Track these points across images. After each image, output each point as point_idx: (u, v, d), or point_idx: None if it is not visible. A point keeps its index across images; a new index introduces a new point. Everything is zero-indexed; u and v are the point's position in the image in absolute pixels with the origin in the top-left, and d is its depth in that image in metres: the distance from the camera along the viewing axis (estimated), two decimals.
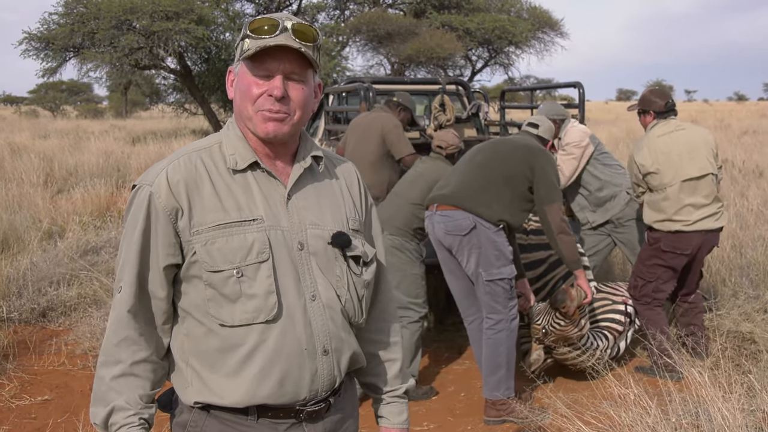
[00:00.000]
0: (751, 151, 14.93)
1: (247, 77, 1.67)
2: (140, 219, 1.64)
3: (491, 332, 4.28)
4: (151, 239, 1.64)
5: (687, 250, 4.81)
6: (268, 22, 1.65)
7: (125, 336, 1.64)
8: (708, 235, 4.82)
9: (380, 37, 23.54)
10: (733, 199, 8.78)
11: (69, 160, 13.87)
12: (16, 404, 4.51)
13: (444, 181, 4.50)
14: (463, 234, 4.21)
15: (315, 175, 1.79)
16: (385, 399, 1.94)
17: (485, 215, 4.20)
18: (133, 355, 1.64)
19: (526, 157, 4.32)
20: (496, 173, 4.30)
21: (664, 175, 4.77)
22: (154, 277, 1.65)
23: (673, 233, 4.79)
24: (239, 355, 1.64)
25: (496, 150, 4.45)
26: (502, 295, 4.24)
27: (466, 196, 4.26)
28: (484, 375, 4.34)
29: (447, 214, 4.28)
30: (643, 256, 4.99)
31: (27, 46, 20.90)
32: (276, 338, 1.64)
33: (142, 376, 1.66)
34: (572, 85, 6.03)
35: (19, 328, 5.78)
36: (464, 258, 4.27)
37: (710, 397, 3.48)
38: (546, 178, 4.28)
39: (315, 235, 1.72)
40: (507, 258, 4.25)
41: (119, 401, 1.62)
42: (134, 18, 19.66)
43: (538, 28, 26.91)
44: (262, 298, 1.63)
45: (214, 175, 1.68)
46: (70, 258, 6.86)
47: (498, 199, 4.24)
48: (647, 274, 4.94)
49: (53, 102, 45.29)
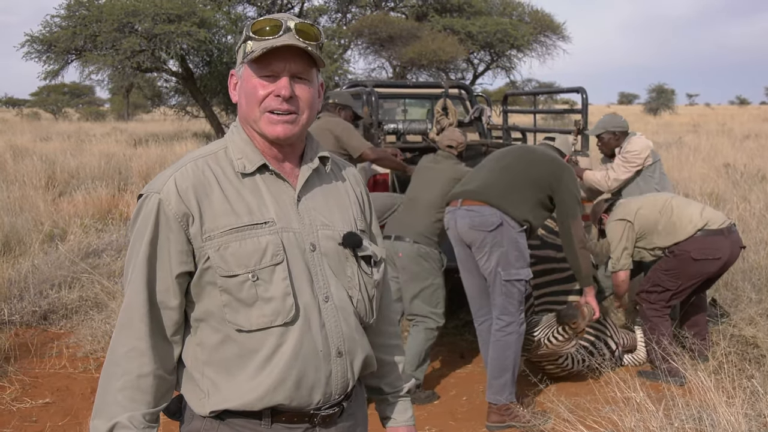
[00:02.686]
0: (753, 155, 14.93)
1: (252, 79, 1.66)
2: (149, 227, 1.60)
3: (501, 334, 4.26)
4: (162, 248, 1.61)
5: (718, 254, 4.77)
6: (270, 23, 1.64)
7: (133, 346, 1.60)
8: (731, 235, 4.83)
9: (382, 40, 23.54)
10: (735, 203, 8.77)
11: (71, 163, 13.87)
12: (17, 407, 4.50)
13: (468, 178, 4.49)
14: (488, 230, 4.18)
15: (322, 176, 1.79)
16: (389, 399, 1.95)
17: (512, 213, 4.19)
18: (140, 368, 1.59)
19: (552, 168, 4.34)
20: (524, 176, 4.30)
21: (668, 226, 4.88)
22: (166, 286, 1.61)
23: (701, 236, 4.77)
24: (258, 359, 1.62)
25: (524, 155, 4.47)
26: (516, 297, 4.23)
27: (494, 193, 4.24)
28: (489, 378, 4.32)
29: (474, 209, 4.25)
30: (665, 267, 4.90)
31: (29, 49, 20.88)
32: (294, 340, 1.63)
33: (148, 392, 1.60)
34: (575, 90, 5.99)
35: (21, 331, 5.78)
36: (484, 255, 4.23)
37: (714, 401, 3.47)
38: (571, 193, 4.30)
39: (326, 236, 1.71)
40: (526, 260, 4.25)
41: (122, 418, 1.57)
42: (136, 21, 19.65)
43: (540, 31, 26.94)
44: (279, 300, 1.62)
45: (222, 180, 1.67)
46: (72, 261, 6.86)
47: (524, 200, 4.25)
48: (668, 283, 4.86)
49: (55, 104, 45.37)
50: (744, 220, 7.80)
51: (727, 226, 4.83)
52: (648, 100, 49.13)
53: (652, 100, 47.92)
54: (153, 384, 1.61)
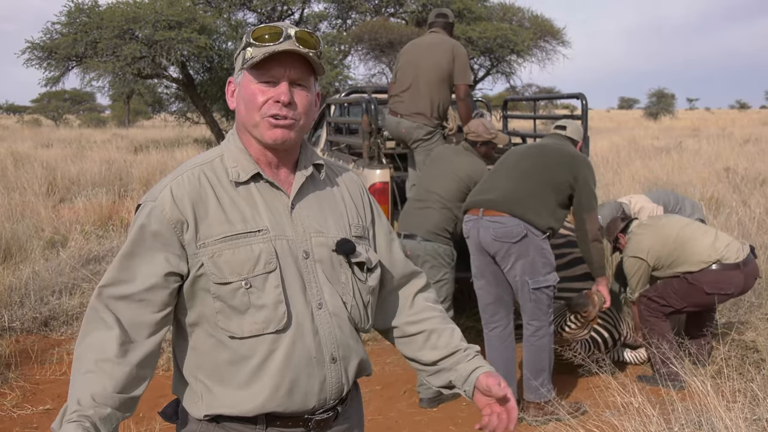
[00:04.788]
0: (754, 159, 14.94)
1: (251, 85, 1.68)
2: (141, 232, 1.63)
3: (534, 339, 4.32)
4: (152, 251, 1.62)
5: (731, 289, 4.75)
6: (270, 30, 1.66)
7: (99, 337, 1.57)
8: (747, 267, 4.78)
9: (382, 46, 23.56)
10: (735, 207, 8.77)
11: (71, 169, 13.88)
12: (18, 414, 4.50)
13: (486, 184, 4.46)
14: (513, 241, 4.19)
15: (316, 183, 1.80)
16: (469, 354, 1.84)
17: (536, 222, 4.20)
18: (102, 353, 1.56)
19: (571, 166, 4.33)
20: (543, 180, 4.29)
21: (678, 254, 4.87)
22: (150, 283, 1.60)
23: (716, 269, 4.73)
24: (250, 366, 1.63)
25: (542, 158, 4.43)
26: (545, 303, 4.28)
27: (517, 203, 4.23)
28: (526, 379, 4.37)
29: (497, 220, 4.24)
30: (677, 287, 4.87)
31: (30, 56, 20.93)
32: (286, 348, 1.64)
33: (107, 372, 1.54)
34: (575, 96, 5.92)
35: (21, 338, 5.78)
36: (509, 264, 4.25)
37: (713, 406, 3.47)
38: (588, 187, 4.31)
39: (319, 243, 1.72)
40: (552, 266, 4.29)
41: (71, 399, 1.52)
42: (137, 27, 19.71)
43: (540, 36, 26.94)
44: (271, 308, 1.63)
45: (218, 188, 1.68)
46: (72, 267, 6.87)
47: (546, 206, 4.25)
48: (674, 301, 4.86)
49: (56, 111, 45.45)
50: (744, 225, 7.80)
51: (743, 259, 4.77)
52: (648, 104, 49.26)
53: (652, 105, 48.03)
54: (113, 368, 1.55)
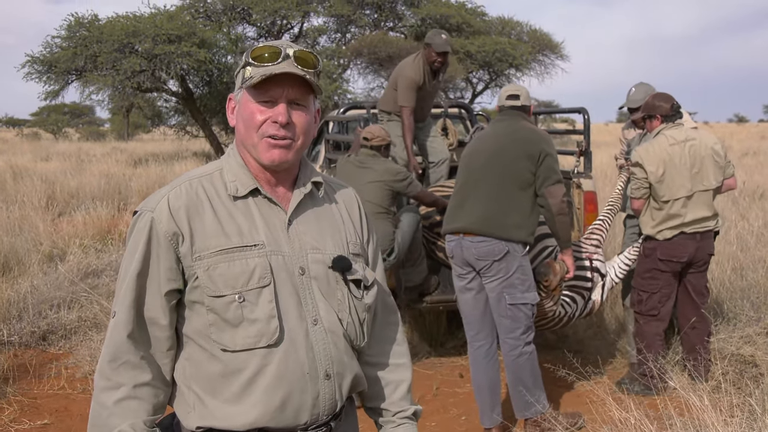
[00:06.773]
0: (752, 172, 14.97)
1: (250, 104, 1.70)
2: (141, 244, 1.65)
3: (513, 356, 4.30)
4: (152, 265, 1.64)
5: (684, 258, 4.88)
6: (269, 50, 1.68)
7: (125, 360, 1.63)
8: (703, 241, 4.89)
9: (381, 59, 23.64)
10: (733, 221, 8.78)
11: (70, 183, 13.89)
12: (16, 428, 4.49)
13: (456, 207, 4.41)
14: (496, 259, 4.22)
15: (315, 200, 1.81)
16: (395, 421, 1.90)
17: (516, 238, 4.20)
18: (135, 379, 1.63)
19: (528, 152, 4.23)
20: (507, 186, 4.23)
21: (669, 187, 4.81)
22: (155, 303, 1.65)
23: (669, 240, 4.86)
24: (241, 379, 1.64)
25: (499, 157, 4.31)
26: (523, 321, 4.26)
27: (493, 224, 4.23)
28: (512, 396, 4.36)
29: (478, 239, 4.25)
30: (641, 270, 5.03)
31: (30, 69, 20.96)
32: (278, 363, 1.65)
33: (145, 400, 1.63)
34: (577, 110, 5.86)
35: (19, 352, 5.77)
36: (490, 278, 4.27)
37: (711, 421, 3.46)
38: (546, 162, 4.23)
39: (316, 259, 1.73)
40: (532, 285, 4.30)
41: (124, 426, 1.60)
42: (137, 41, 19.77)
43: (539, 50, 27.07)
44: (263, 322, 1.64)
45: (215, 201, 1.70)
46: (71, 281, 6.86)
47: (521, 212, 4.24)
48: (648, 286, 4.97)
49: (55, 124, 45.42)
50: (742, 238, 7.81)
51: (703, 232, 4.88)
52: None
53: None
54: (150, 392, 1.65)
